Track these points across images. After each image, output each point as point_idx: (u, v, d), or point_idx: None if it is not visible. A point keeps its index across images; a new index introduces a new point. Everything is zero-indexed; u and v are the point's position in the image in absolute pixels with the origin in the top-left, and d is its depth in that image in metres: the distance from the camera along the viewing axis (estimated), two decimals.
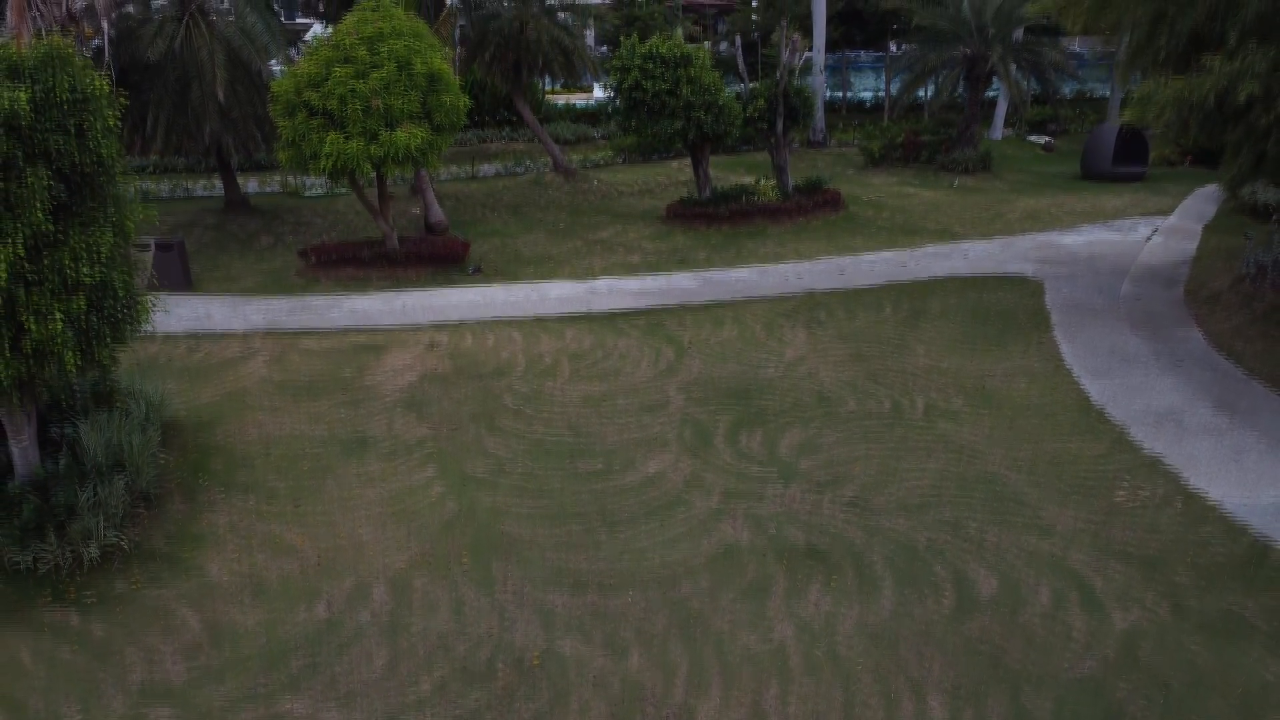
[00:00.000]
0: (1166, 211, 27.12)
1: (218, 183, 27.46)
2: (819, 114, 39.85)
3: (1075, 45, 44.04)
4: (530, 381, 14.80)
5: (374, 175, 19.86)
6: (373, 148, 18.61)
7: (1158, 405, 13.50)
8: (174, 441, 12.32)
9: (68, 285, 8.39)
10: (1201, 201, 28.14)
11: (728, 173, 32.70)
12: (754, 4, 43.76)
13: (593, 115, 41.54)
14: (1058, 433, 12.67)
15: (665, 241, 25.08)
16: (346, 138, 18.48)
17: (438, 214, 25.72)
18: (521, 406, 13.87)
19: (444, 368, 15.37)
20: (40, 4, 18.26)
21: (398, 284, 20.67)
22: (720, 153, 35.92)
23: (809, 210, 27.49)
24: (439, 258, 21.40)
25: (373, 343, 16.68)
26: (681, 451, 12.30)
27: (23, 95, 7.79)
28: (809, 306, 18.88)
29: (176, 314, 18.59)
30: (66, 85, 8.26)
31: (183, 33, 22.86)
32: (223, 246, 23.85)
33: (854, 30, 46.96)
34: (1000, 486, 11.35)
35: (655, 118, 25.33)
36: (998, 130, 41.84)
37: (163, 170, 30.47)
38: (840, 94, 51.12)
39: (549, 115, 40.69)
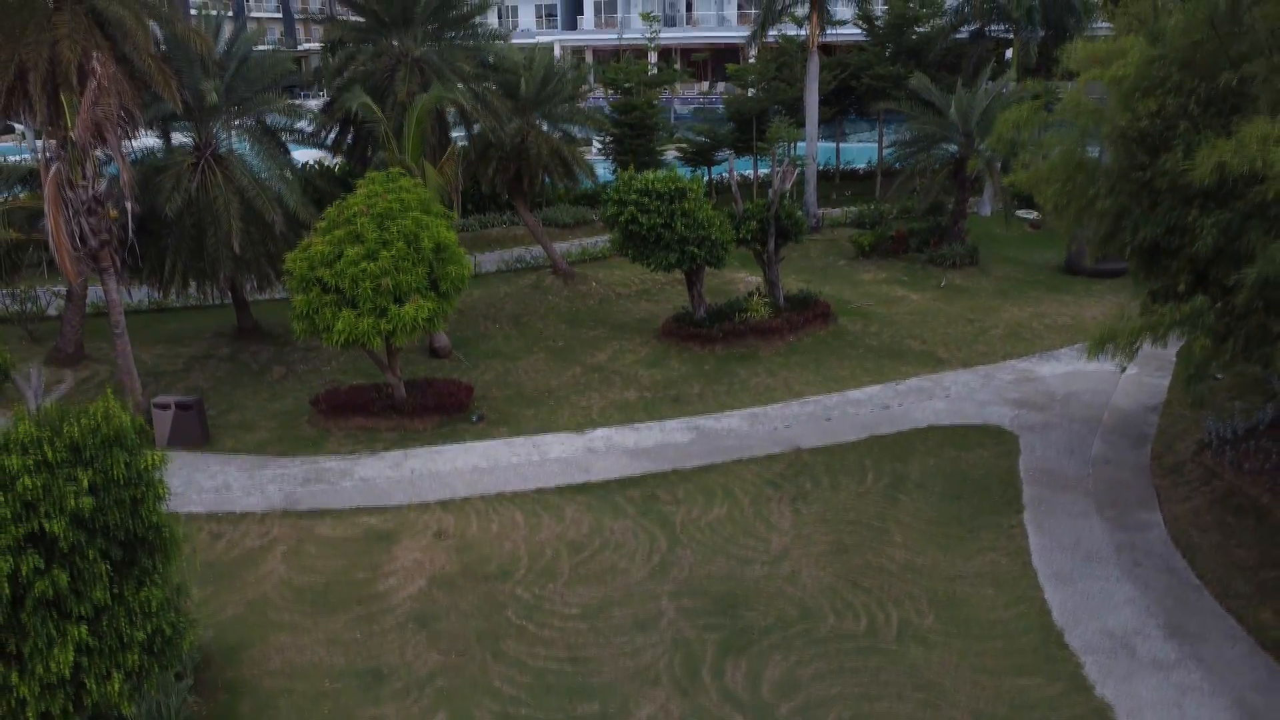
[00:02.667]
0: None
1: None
2: (811, 199, 40.95)
3: None
4: (532, 586, 15.86)
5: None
6: (382, 323, 19.68)
7: (1114, 625, 14.57)
8: (204, 678, 13.38)
9: (123, 643, 9.45)
10: None
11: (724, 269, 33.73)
12: (750, 92, 44.75)
13: (591, 197, 42.53)
14: (1020, 666, 13.73)
15: (660, 369, 26.13)
16: (358, 315, 19.54)
17: (442, 338, 26.79)
18: (524, 622, 14.93)
19: (451, 566, 16.43)
20: (69, 190, 19.35)
21: (405, 437, 21.73)
22: None
23: (800, 326, 28.55)
24: (444, 407, 22.46)
25: (384, 528, 17.74)
26: (672, 690, 13.36)
27: (87, 501, 8.86)
28: (795, 471, 19.94)
29: (197, 481, 19.69)
30: (123, 464, 9.32)
31: (198, 179, 23.91)
32: (237, 381, 24.90)
33: (847, 101, 47.97)
34: None
35: (651, 249, 26.40)
36: (986, 207, 42.94)
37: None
38: (833, 162, 52.26)
39: (548, 197, 41.67)
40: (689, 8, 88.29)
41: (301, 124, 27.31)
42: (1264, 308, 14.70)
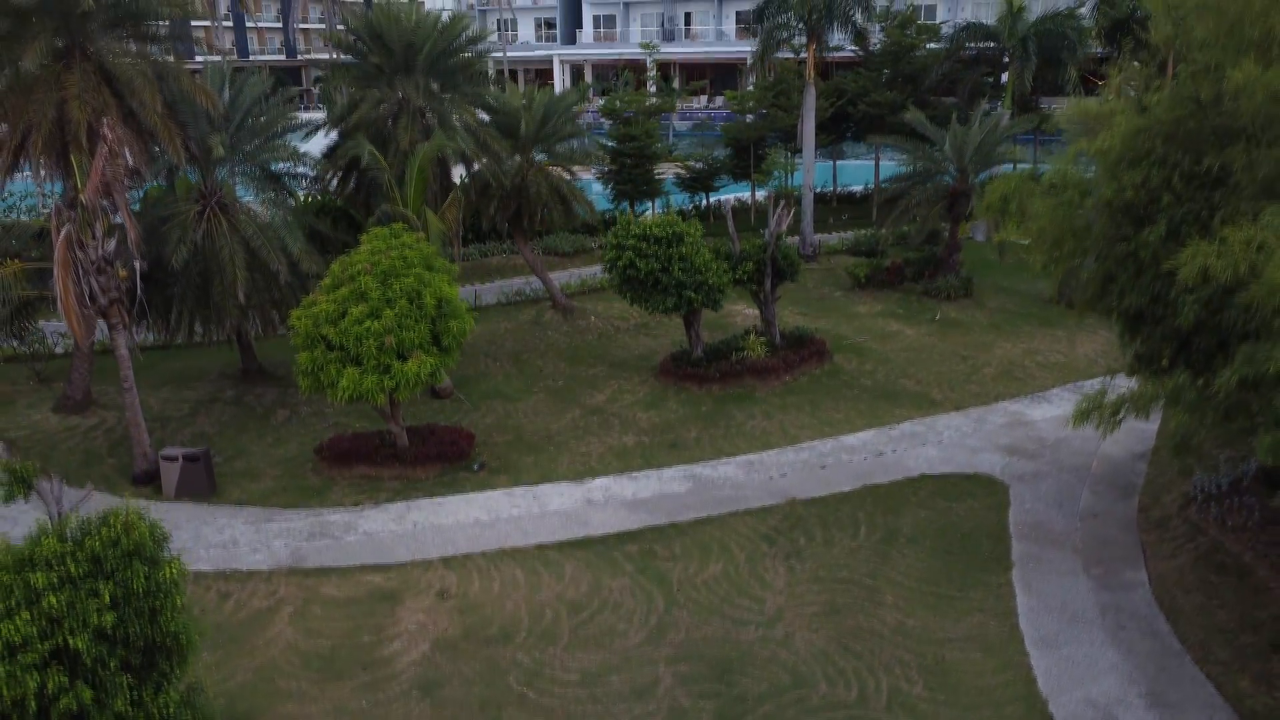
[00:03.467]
0: None
1: None
2: (808, 227, 41.39)
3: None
4: (533, 650, 16.30)
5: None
6: (386, 379, 20.13)
7: (1097, 694, 15.02)
8: None
9: None
10: None
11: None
12: (749, 119, 45.19)
13: (591, 226, 42.89)
14: None
15: (658, 410, 26.56)
16: (362, 372, 19.98)
17: (443, 380, 27.20)
18: (525, 689, 15.37)
19: (454, 629, 16.87)
20: (79, 252, 19.77)
21: (408, 486, 22.16)
22: None
23: (796, 365, 28.98)
24: (446, 455, 22.89)
25: (388, 587, 18.18)
26: None
27: (109, 616, 9.29)
28: (790, 525, 20.38)
29: (205, 536, 20.12)
30: (143, 576, 9.75)
31: (203, 226, 24.32)
32: (242, 426, 25.32)
33: (844, 127, 48.44)
34: None
35: (649, 293, 26.84)
36: (980, 232, 43.40)
37: None
38: (830, 185, 52.75)
39: (549, 225, 42.02)
40: (688, 22, 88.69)
41: (304, 169, 27.71)
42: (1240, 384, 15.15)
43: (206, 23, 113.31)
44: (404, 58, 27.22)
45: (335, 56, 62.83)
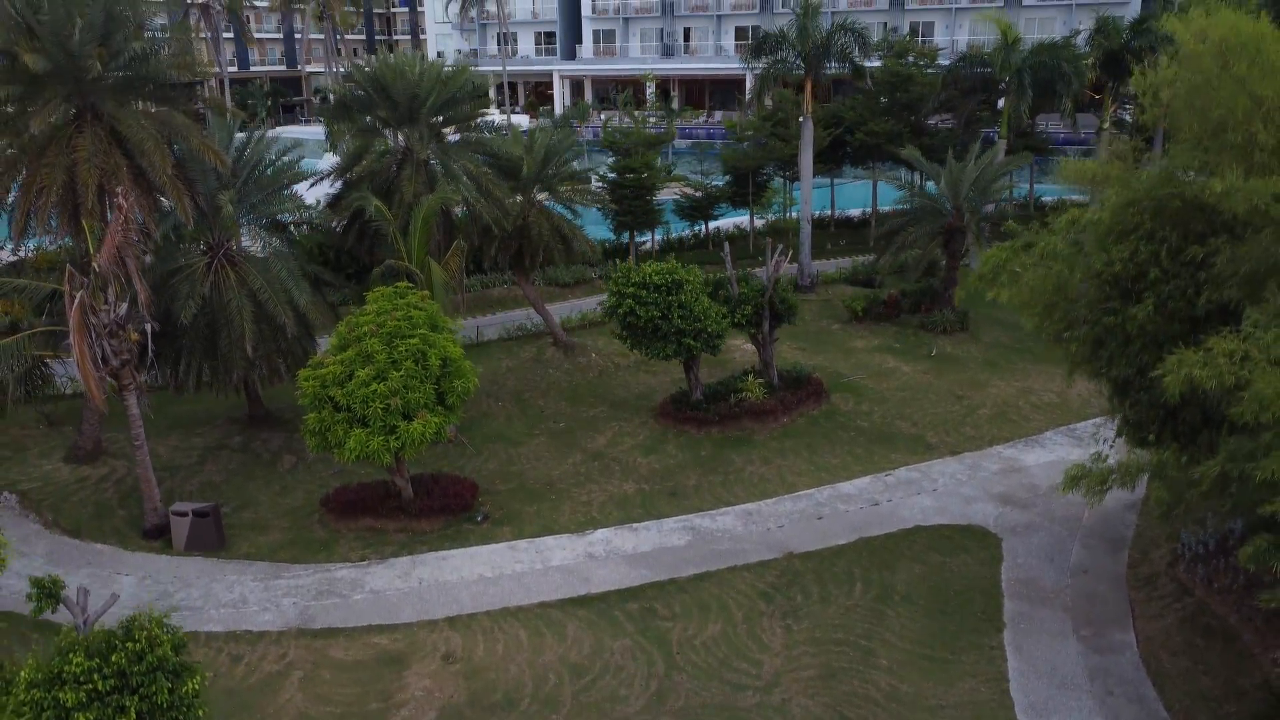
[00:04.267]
0: None
1: None
2: (806, 258, 41.84)
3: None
4: (535, 719, 16.76)
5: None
6: (392, 440, 20.59)
7: None
8: None
9: None
10: None
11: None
12: (746, 145, 45.63)
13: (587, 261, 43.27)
14: None
15: (658, 455, 27.01)
16: (369, 434, 20.44)
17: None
18: None
19: (459, 695, 17.32)
20: (93, 316, 20.22)
21: (413, 539, 22.62)
22: None
23: (793, 406, 29.44)
24: (450, 507, 23.35)
25: (394, 649, 18.63)
26: None
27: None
28: (787, 581, 20.84)
29: (215, 594, 20.57)
30: (166, 691, 10.20)
31: (211, 279, 24.77)
32: (249, 474, 25.78)
33: (842, 153, 48.86)
34: None
35: (649, 339, 27.29)
36: (975, 261, 43.83)
37: None
38: (829, 210, 53.19)
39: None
40: (687, 38, 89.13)
41: (310, 213, 28.12)
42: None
43: (205, 35, 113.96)
44: (408, 109, 27.67)
45: (336, 71, 63.45)
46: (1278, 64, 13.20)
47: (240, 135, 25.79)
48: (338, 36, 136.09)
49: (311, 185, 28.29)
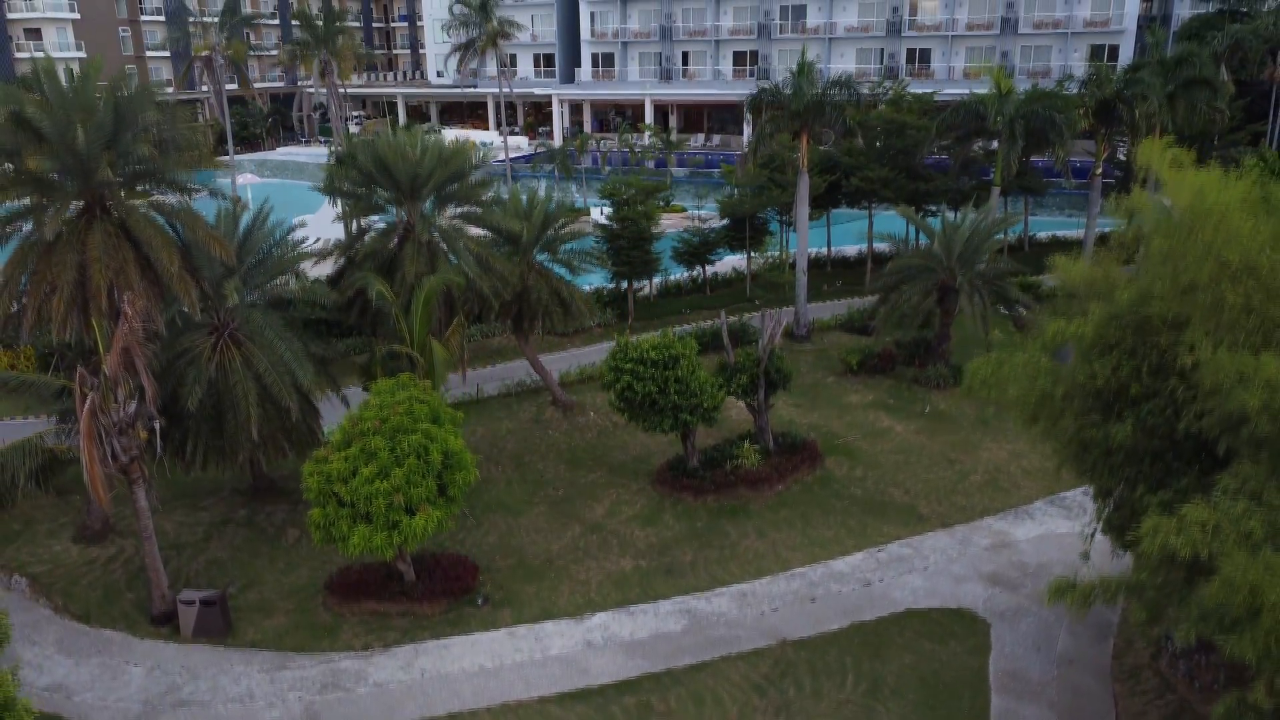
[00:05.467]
0: None
1: None
2: (802, 306, 42.34)
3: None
4: None
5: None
6: (395, 535, 21.10)
7: None
8: None
9: None
10: None
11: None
12: (736, 193, 46.17)
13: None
14: None
15: (655, 528, 27.52)
16: (372, 530, 20.96)
17: None
18: None
19: None
20: (103, 416, 20.72)
21: (416, 624, 23.12)
22: None
23: (788, 473, 29.96)
24: (451, 590, 23.86)
25: None
26: None
27: None
28: (780, 673, 21.35)
29: (222, 688, 21.08)
30: None
31: (216, 359, 25.24)
32: (254, 550, 26.28)
33: (839, 196, 49.43)
34: None
35: (647, 414, 27.83)
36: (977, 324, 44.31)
37: None
38: (825, 250, 53.73)
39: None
40: (685, 62, 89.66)
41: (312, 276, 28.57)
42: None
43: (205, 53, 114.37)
44: (410, 188, 28.17)
45: (338, 92, 64.12)
46: (1243, 231, 13.71)
47: (245, 219, 26.26)
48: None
49: (315, 264, 28.76)
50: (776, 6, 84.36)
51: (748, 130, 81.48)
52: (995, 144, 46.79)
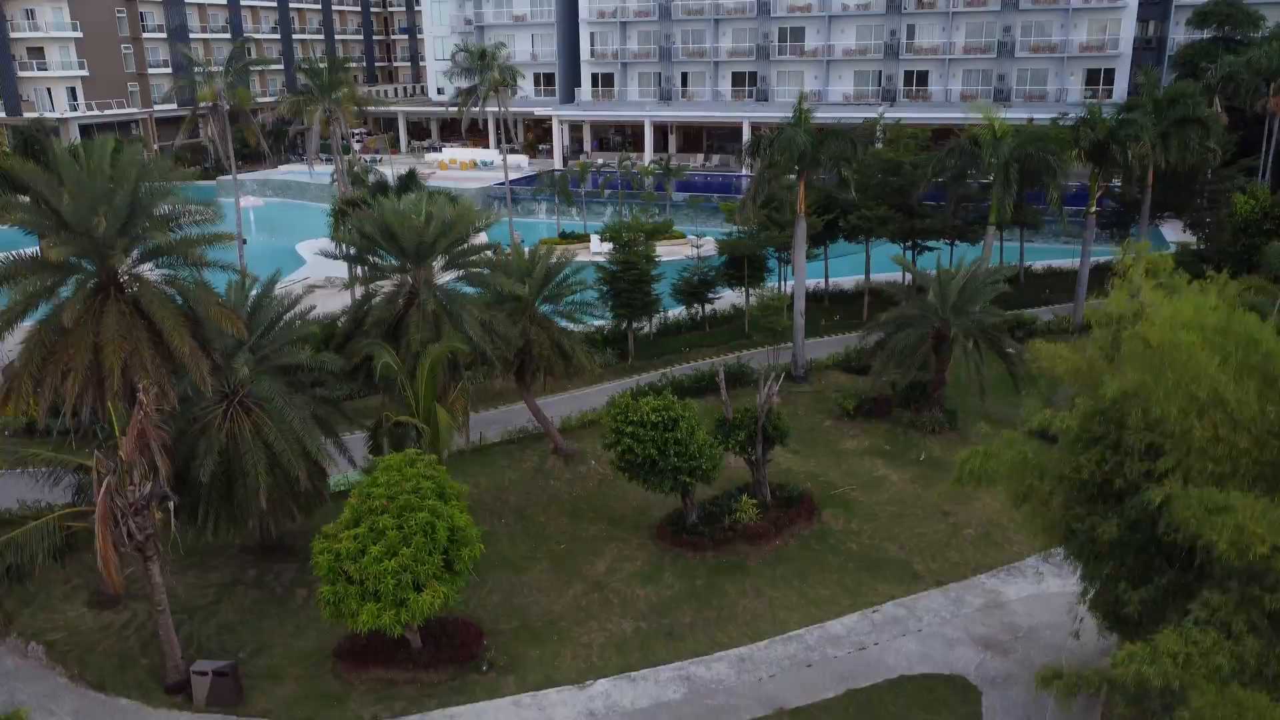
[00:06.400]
0: None
1: None
2: (799, 349, 42.92)
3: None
4: None
5: None
6: (403, 612, 21.74)
7: None
8: None
9: None
10: None
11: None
12: (735, 232, 46.80)
13: (590, 337, 44.31)
14: None
15: (655, 586, 28.14)
16: (380, 608, 21.59)
17: None
18: None
19: None
20: (116, 495, 21.35)
21: (422, 694, 23.73)
22: None
23: (785, 526, 30.60)
24: (457, 658, 24.51)
25: None
26: None
27: None
28: None
29: None
30: None
31: (227, 427, 25.86)
32: (264, 612, 26.92)
33: (836, 233, 50.05)
34: None
35: (647, 474, 28.46)
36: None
37: None
38: (823, 282, 54.33)
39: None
40: (684, 83, 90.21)
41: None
42: None
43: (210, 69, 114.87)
44: (416, 254, 28.80)
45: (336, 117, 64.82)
46: (1209, 369, 14.32)
47: (255, 292, 26.89)
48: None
49: (327, 342, 29.30)
50: (775, 29, 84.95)
51: (745, 148, 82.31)
52: (991, 176, 47.45)
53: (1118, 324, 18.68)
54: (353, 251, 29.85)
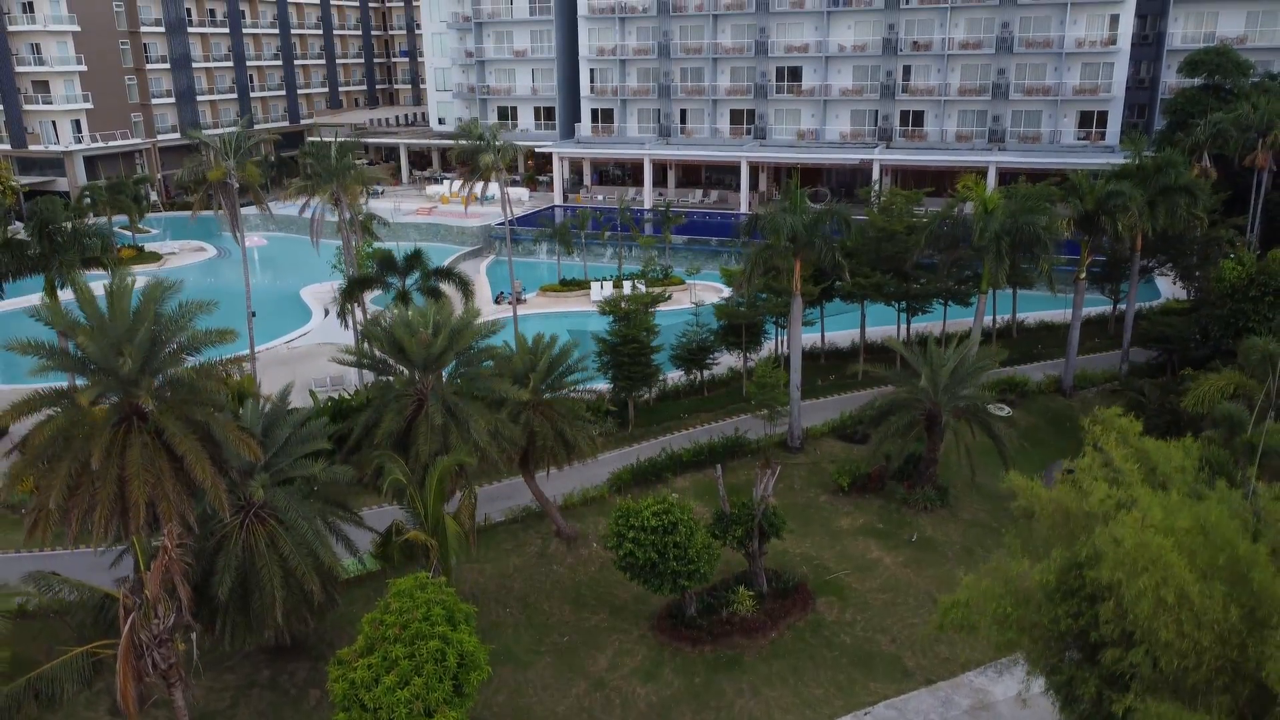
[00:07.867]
0: None
1: None
2: (796, 421, 43.95)
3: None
4: None
5: None
6: None
7: None
8: None
9: None
10: None
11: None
12: (735, 300, 47.85)
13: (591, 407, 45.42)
14: None
15: (655, 684, 29.20)
16: None
17: None
18: None
19: None
20: (143, 632, 22.38)
21: None
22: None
23: (781, 618, 31.70)
24: None
25: None
26: None
27: None
28: None
29: None
30: None
31: (242, 538, 26.90)
32: (279, 715, 27.97)
33: (832, 295, 51.11)
34: None
35: (647, 576, 29.54)
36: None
37: None
38: (819, 340, 55.39)
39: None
40: (683, 120, 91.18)
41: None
42: None
43: (213, 98, 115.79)
44: (424, 365, 29.86)
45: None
46: (1180, 574, 15.38)
47: (267, 408, 27.93)
48: (341, 90, 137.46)
49: (333, 445, 30.29)
50: (772, 68, 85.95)
51: (744, 185, 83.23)
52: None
53: (1088, 520, 19.65)
54: (365, 362, 30.89)
